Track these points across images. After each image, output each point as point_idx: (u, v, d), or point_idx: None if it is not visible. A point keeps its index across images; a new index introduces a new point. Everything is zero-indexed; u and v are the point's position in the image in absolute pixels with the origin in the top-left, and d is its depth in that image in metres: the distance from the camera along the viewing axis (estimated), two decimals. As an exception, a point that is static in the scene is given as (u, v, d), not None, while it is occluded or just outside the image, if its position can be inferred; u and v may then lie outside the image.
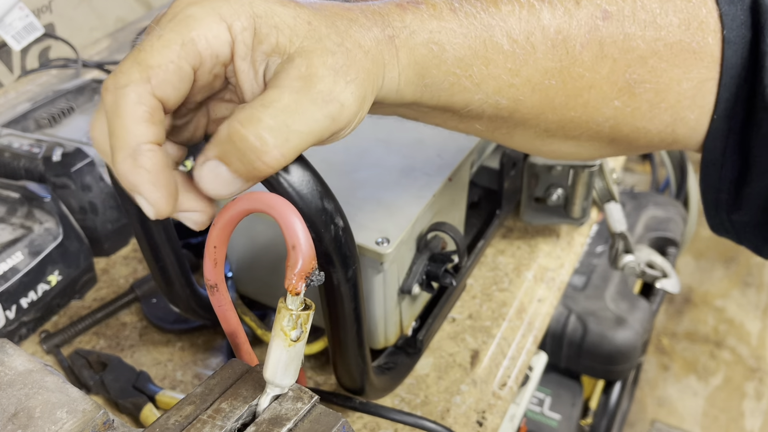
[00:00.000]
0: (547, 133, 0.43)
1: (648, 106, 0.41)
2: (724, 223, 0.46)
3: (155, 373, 0.63)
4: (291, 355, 0.33)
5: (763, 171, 0.41)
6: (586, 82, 0.39)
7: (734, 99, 0.41)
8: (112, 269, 0.75)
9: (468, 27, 0.36)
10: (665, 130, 0.42)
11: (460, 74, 0.37)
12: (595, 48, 0.39)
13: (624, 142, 0.43)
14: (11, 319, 0.64)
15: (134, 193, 0.31)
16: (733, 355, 2.04)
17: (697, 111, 0.41)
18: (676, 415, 1.88)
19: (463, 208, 0.66)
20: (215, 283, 0.37)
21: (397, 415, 0.52)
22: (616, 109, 0.41)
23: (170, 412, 0.34)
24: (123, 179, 0.31)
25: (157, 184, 0.31)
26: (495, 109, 0.39)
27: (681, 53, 0.40)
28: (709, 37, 0.40)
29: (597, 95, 0.40)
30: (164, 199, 0.31)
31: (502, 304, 0.70)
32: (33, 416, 0.36)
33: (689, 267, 2.31)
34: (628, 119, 0.41)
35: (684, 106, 0.41)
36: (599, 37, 0.38)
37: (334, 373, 0.50)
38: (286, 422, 0.33)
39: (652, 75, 0.40)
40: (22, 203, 0.69)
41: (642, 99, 0.41)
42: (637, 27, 0.39)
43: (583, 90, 0.40)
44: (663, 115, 0.41)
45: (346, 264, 0.40)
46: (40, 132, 0.85)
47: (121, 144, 0.31)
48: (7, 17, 0.93)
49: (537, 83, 0.39)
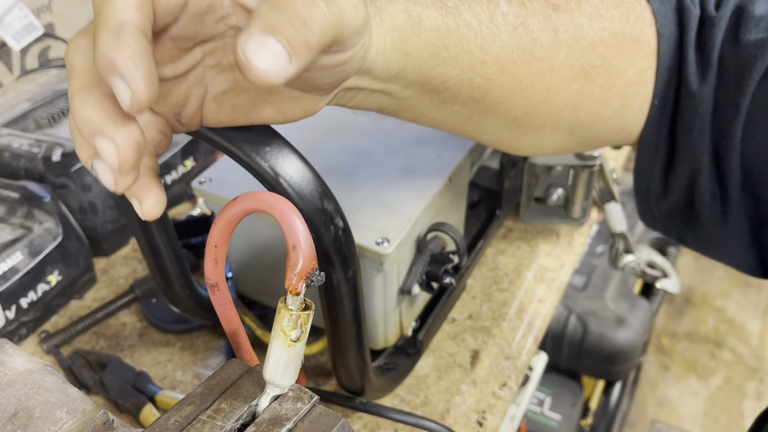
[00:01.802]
0: (515, 122, 0.46)
1: (600, 90, 0.46)
2: (653, 212, 0.52)
3: (155, 373, 0.63)
4: (291, 356, 0.33)
5: (686, 155, 0.47)
6: (547, 64, 0.44)
7: (666, 88, 0.46)
8: (111, 269, 0.75)
9: (438, 5, 0.40)
10: (615, 116, 0.47)
11: (437, 44, 0.39)
12: (551, 33, 0.43)
13: (582, 129, 0.48)
14: (11, 319, 0.64)
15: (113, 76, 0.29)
16: (733, 356, 2.03)
17: (641, 97, 0.46)
18: (677, 415, 1.88)
19: (463, 208, 0.66)
20: (216, 282, 0.37)
21: (397, 414, 0.52)
22: (574, 93, 0.45)
23: (170, 412, 0.34)
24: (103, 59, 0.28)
25: (139, 63, 0.28)
26: (469, 88, 0.43)
27: (624, 42, 0.45)
28: (647, 29, 0.45)
29: (558, 78, 0.44)
30: (144, 81, 0.28)
31: (502, 304, 0.70)
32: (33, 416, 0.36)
33: (689, 267, 2.31)
34: (584, 104, 0.46)
35: (630, 92, 0.46)
36: (553, 24, 0.43)
37: (334, 373, 0.50)
38: (286, 422, 0.33)
39: (602, 61, 0.45)
40: (21, 203, 0.69)
41: (595, 84, 0.45)
42: (584, 18, 0.44)
43: (546, 72, 0.44)
44: (613, 100, 0.46)
45: (346, 264, 0.40)
46: (39, 132, 0.85)
47: (106, 23, 0.29)
48: (6, 17, 0.93)
49: (505, 62, 0.42)
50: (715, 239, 0.50)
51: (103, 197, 0.74)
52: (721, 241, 0.49)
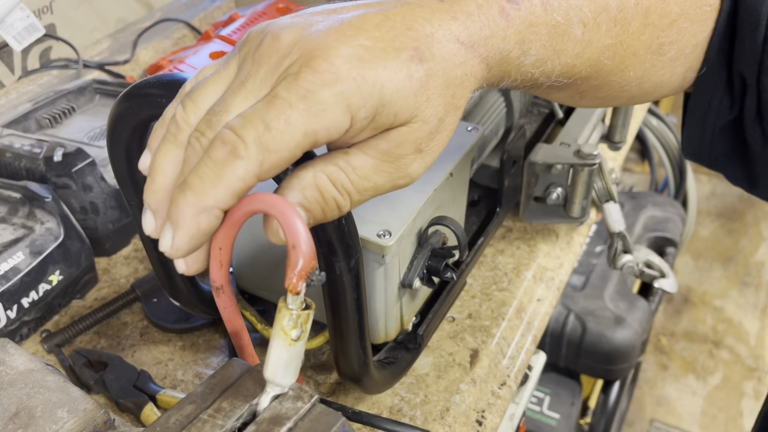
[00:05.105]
0: (579, 95, 0.46)
1: (670, 62, 0.45)
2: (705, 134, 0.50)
3: (156, 373, 0.64)
4: (291, 355, 0.33)
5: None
6: (630, 50, 0.42)
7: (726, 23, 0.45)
8: (113, 269, 0.75)
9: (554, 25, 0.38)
10: (677, 81, 0.46)
11: (534, 72, 0.39)
12: (641, 17, 0.42)
13: (641, 97, 0.47)
14: (12, 319, 0.64)
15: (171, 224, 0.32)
16: (731, 355, 2.04)
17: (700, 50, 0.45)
18: (675, 414, 1.88)
19: (463, 204, 0.66)
20: (221, 285, 0.37)
21: (389, 424, 0.52)
22: (645, 69, 0.44)
23: (171, 412, 0.34)
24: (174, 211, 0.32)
25: (194, 241, 0.32)
26: (551, 84, 0.42)
27: (702, 8, 0.44)
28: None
29: (635, 60, 0.43)
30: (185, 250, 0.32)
31: (502, 303, 0.70)
32: (34, 415, 0.37)
33: (688, 267, 2.31)
34: (653, 77, 0.45)
35: (696, 56, 0.45)
36: (645, 6, 0.42)
37: (335, 364, 0.50)
38: (287, 421, 0.33)
39: (679, 35, 0.44)
40: (23, 203, 0.69)
41: (667, 57, 0.44)
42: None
43: (626, 57, 0.43)
44: (679, 68, 0.45)
45: (349, 253, 0.40)
46: (41, 132, 0.85)
47: (201, 197, 0.31)
48: (8, 18, 0.93)
49: (594, 61, 0.42)
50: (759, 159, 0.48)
51: (105, 197, 0.74)
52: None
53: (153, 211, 0.34)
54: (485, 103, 0.73)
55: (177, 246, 0.32)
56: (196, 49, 1.04)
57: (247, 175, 0.31)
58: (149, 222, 0.35)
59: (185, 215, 0.31)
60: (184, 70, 0.99)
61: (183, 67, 0.99)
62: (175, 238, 0.32)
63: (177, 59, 1.03)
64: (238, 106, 0.32)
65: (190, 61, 1.00)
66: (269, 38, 0.33)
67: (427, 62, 0.33)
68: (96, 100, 0.92)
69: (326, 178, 0.33)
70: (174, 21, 1.17)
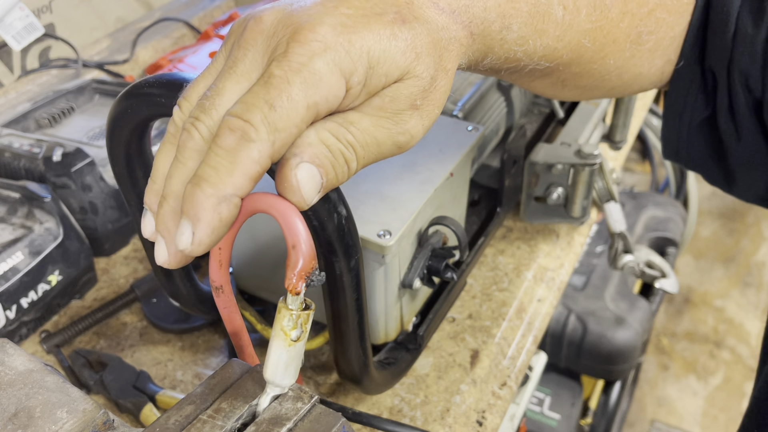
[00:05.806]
0: (561, 83, 0.47)
1: (648, 53, 0.46)
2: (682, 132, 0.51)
3: (155, 373, 0.64)
4: (291, 355, 0.33)
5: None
6: (610, 37, 0.44)
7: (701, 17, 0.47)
8: (112, 269, 0.75)
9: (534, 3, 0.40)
10: (656, 72, 0.48)
11: (517, 50, 0.40)
12: (620, 5, 0.44)
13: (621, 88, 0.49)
14: (11, 319, 0.64)
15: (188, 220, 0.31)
16: (732, 355, 2.04)
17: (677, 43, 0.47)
18: (676, 414, 1.88)
19: (463, 204, 0.66)
20: (220, 285, 0.37)
21: (389, 425, 0.52)
22: (625, 59, 0.46)
23: (170, 412, 0.34)
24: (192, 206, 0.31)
25: (216, 233, 0.31)
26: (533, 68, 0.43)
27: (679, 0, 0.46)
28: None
29: (615, 48, 0.45)
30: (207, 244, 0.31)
31: (502, 303, 0.70)
32: (33, 416, 0.36)
33: (689, 267, 2.31)
34: (632, 67, 0.47)
35: (674, 49, 0.47)
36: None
37: (335, 364, 0.50)
38: (286, 422, 0.33)
39: (657, 25, 0.45)
40: (22, 203, 0.69)
41: (645, 48, 0.46)
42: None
43: (606, 45, 0.44)
44: (658, 60, 0.47)
45: (349, 253, 0.40)
46: (40, 132, 0.85)
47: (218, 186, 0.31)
48: (7, 17, 0.93)
49: (575, 45, 0.43)
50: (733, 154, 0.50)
51: (104, 197, 0.74)
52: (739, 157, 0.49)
53: (154, 213, 0.34)
54: (485, 103, 0.73)
55: (199, 240, 0.31)
56: (195, 49, 1.04)
57: (261, 157, 0.31)
58: (149, 224, 0.34)
59: (205, 207, 0.31)
60: (184, 69, 0.99)
61: (182, 66, 0.99)
62: (197, 233, 0.31)
63: (176, 59, 1.03)
64: (230, 90, 0.32)
65: (190, 60, 1.00)
66: (252, 22, 0.33)
67: (410, 23, 0.34)
68: (95, 99, 0.91)
69: (329, 133, 0.33)
70: (173, 20, 1.17)
